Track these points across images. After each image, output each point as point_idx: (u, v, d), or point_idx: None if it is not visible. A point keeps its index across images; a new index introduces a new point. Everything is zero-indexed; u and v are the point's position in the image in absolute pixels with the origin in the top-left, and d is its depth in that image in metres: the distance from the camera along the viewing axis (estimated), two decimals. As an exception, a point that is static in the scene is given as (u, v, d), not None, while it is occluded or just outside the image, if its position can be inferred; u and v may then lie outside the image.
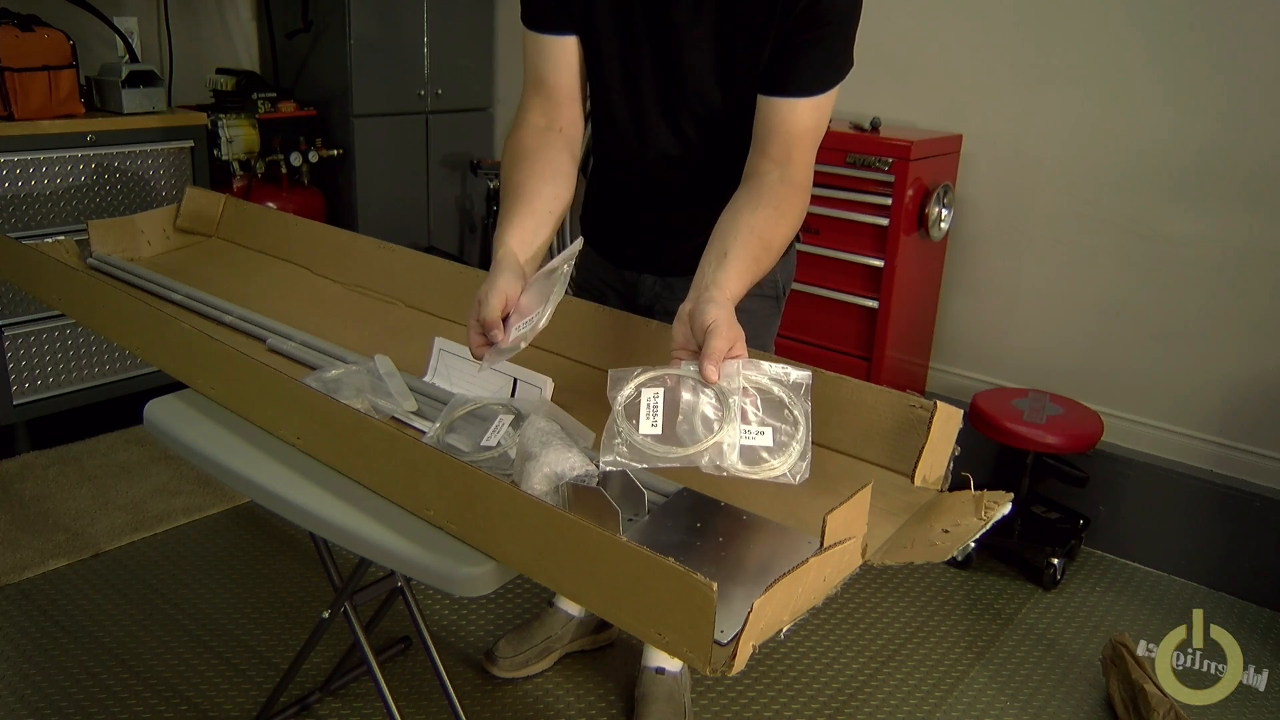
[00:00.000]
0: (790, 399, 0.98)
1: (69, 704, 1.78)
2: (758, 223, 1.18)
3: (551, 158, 1.29)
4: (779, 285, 1.51)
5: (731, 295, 1.08)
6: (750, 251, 1.15)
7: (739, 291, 1.11)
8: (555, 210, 1.25)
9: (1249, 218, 2.30)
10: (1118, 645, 1.92)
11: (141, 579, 2.17)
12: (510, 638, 1.94)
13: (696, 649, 0.74)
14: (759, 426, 0.97)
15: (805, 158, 1.25)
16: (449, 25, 3.49)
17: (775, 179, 1.22)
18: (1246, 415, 2.39)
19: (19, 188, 2.53)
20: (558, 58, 1.33)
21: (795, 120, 1.23)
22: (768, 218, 1.18)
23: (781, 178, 1.22)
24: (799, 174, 1.23)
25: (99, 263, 1.72)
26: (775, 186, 1.21)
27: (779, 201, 1.20)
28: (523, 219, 1.20)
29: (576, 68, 1.34)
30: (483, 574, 0.96)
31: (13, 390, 2.61)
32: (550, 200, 1.24)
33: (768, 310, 1.51)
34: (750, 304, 1.34)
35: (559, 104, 1.34)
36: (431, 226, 3.67)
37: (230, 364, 1.21)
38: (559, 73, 1.34)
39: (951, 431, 1.07)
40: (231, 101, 3.12)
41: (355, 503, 1.06)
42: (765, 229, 1.17)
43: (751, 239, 1.16)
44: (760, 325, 1.48)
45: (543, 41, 1.34)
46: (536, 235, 1.20)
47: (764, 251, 1.17)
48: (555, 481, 0.95)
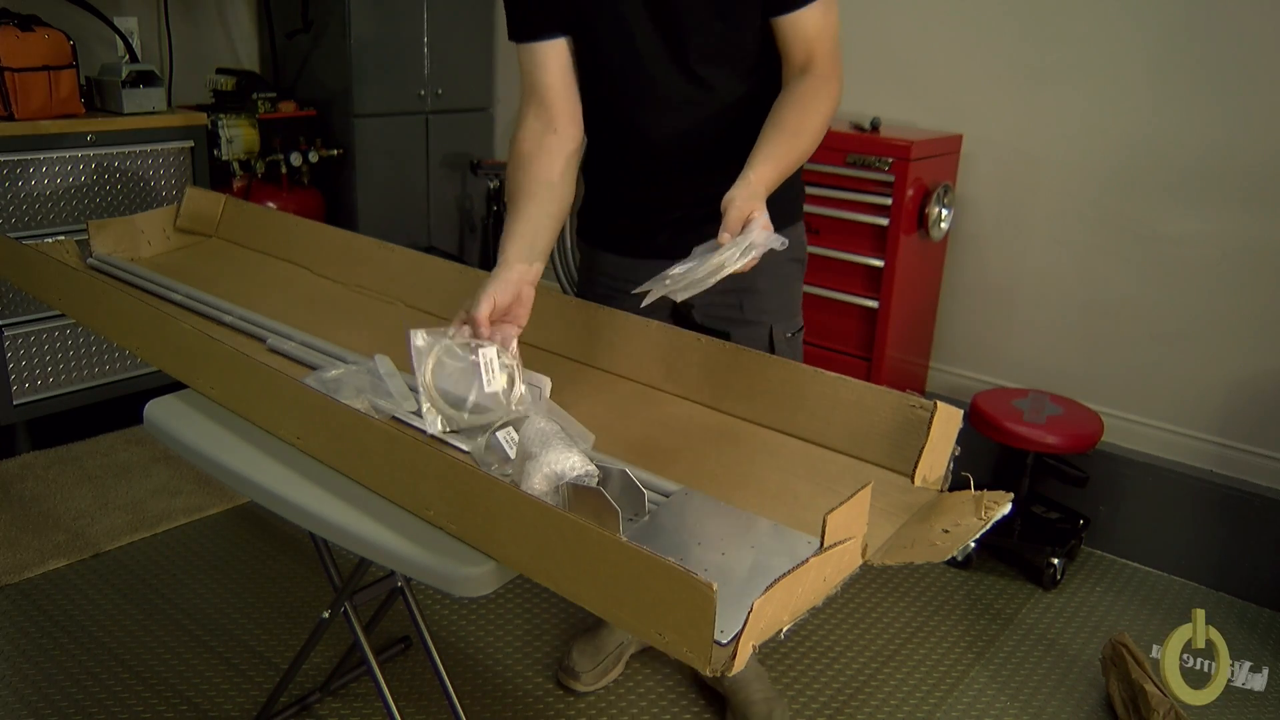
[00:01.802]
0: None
1: (69, 704, 1.78)
2: (783, 117, 1.29)
3: (547, 163, 1.37)
4: (803, 247, 1.62)
5: (758, 179, 1.19)
6: (779, 142, 1.26)
7: (770, 176, 1.21)
8: (552, 213, 1.34)
9: (1249, 218, 2.30)
10: (1117, 645, 1.92)
11: (141, 579, 2.17)
12: (583, 648, 1.91)
13: (696, 649, 0.74)
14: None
15: (825, 54, 1.33)
16: (449, 25, 3.49)
17: (800, 81, 1.32)
18: (1246, 415, 2.39)
19: (19, 188, 2.53)
20: (547, 60, 1.40)
21: (805, 28, 1.32)
22: (793, 109, 1.29)
23: (805, 78, 1.32)
24: (822, 68, 1.32)
25: (99, 263, 1.72)
26: (799, 84, 1.32)
27: (802, 94, 1.31)
28: (521, 230, 1.30)
29: (567, 67, 1.41)
30: (483, 574, 0.96)
31: (13, 390, 2.61)
32: (546, 203, 1.34)
33: (794, 273, 1.60)
34: (782, 267, 1.52)
35: (553, 105, 1.40)
36: (431, 226, 3.67)
37: (230, 364, 1.21)
38: (550, 74, 1.40)
39: (951, 431, 1.07)
40: (231, 101, 3.12)
41: (355, 503, 1.06)
42: (791, 119, 1.28)
43: (778, 132, 1.27)
44: (791, 288, 1.60)
45: (532, 49, 1.40)
46: (538, 238, 1.30)
47: (793, 138, 1.27)
48: (555, 481, 0.95)
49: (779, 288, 1.56)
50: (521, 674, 1.94)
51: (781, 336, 1.58)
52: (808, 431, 1.17)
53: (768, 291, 1.55)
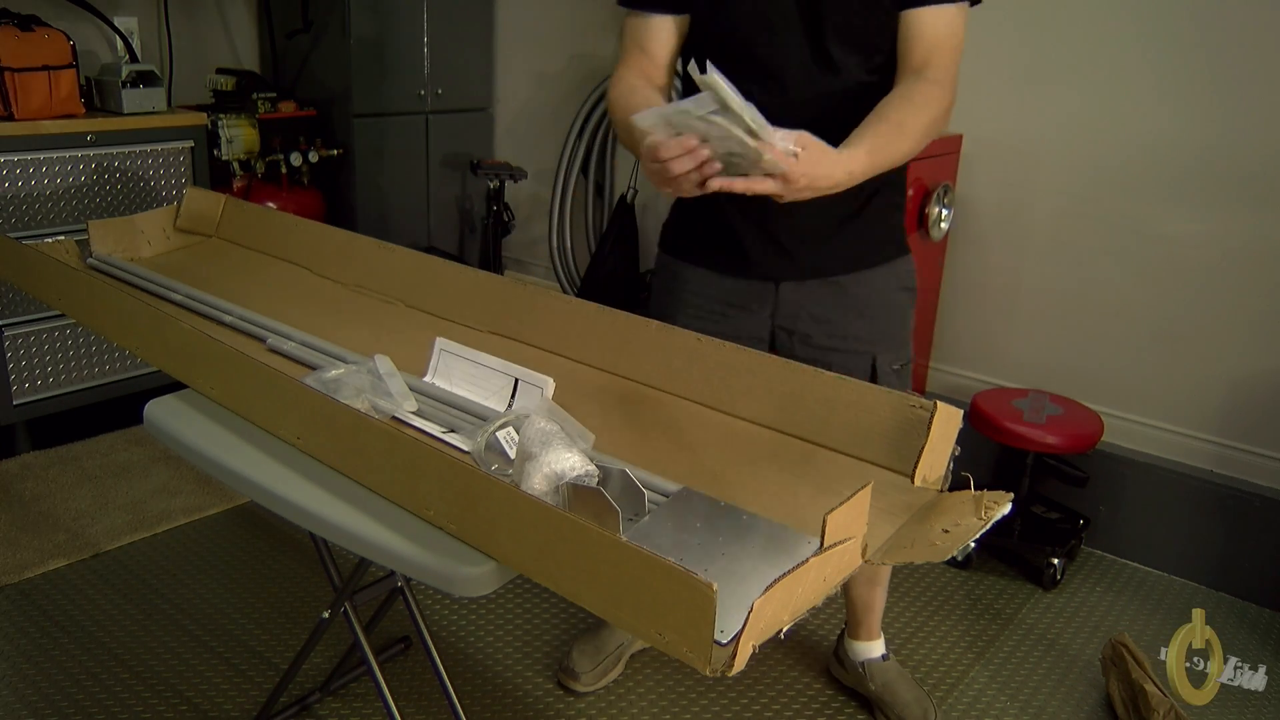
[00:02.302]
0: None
1: (69, 704, 1.78)
2: (888, 110, 1.25)
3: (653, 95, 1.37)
4: (912, 276, 1.55)
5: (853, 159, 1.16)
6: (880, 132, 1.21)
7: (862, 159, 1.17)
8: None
9: (1249, 218, 2.30)
10: (1117, 645, 1.92)
11: (141, 579, 2.17)
12: (583, 649, 1.89)
13: (696, 649, 0.74)
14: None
15: (945, 61, 1.30)
16: (449, 25, 3.49)
17: (911, 82, 1.29)
18: (1246, 415, 2.39)
19: (19, 188, 2.53)
20: (660, 33, 1.41)
21: (932, 27, 1.29)
22: (900, 105, 1.26)
23: (917, 80, 1.29)
24: (938, 73, 1.29)
25: (99, 263, 1.72)
26: (911, 84, 1.28)
27: (914, 93, 1.27)
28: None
29: (674, 46, 1.43)
30: (483, 574, 0.96)
31: (13, 390, 2.61)
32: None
33: (905, 301, 1.54)
34: (889, 295, 1.49)
35: (656, 68, 1.42)
36: (431, 226, 3.67)
37: (230, 364, 1.21)
38: (662, 47, 1.42)
39: (951, 431, 1.07)
40: (231, 101, 3.12)
41: (355, 503, 1.06)
42: (896, 114, 1.24)
43: (881, 122, 1.22)
44: (901, 316, 1.53)
45: (646, 18, 1.41)
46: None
47: (897, 131, 1.23)
48: (555, 481, 0.95)
49: (885, 315, 1.51)
50: (521, 674, 1.94)
51: (887, 368, 1.49)
52: (808, 431, 1.17)
53: (873, 319, 1.49)
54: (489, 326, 1.48)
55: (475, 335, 1.46)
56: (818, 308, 1.48)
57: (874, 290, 1.44)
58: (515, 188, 3.58)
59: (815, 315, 1.46)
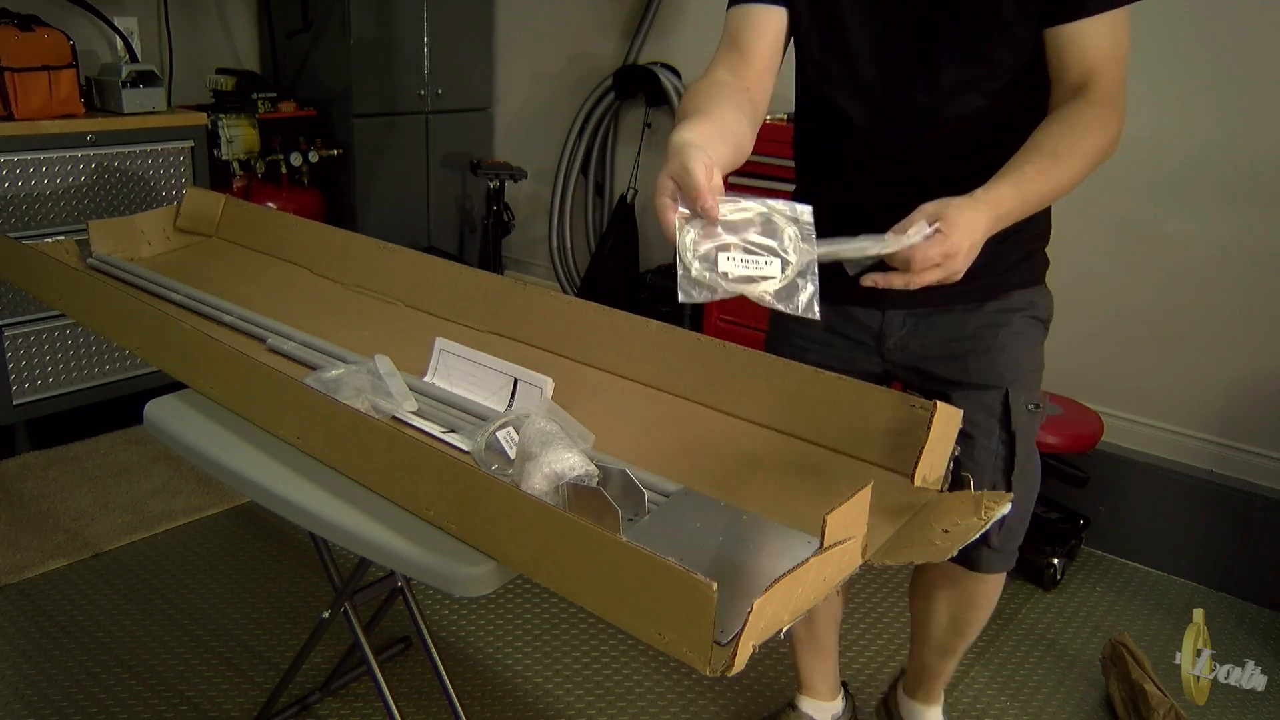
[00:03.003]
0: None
1: (69, 704, 1.78)
2: (1043, 138, 1.09)
3: (735, 97, 1.16)
4: (1049, 308, 1.39)
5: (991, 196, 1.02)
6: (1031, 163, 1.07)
7: (1009, 199, 1.03)
8: (737, 134, 1.10)
9: (1249, 218, 2.30)
10: (1118, 645, 1.92)
11: (141, 579, 2.17)
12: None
13: (696, 649, 0.74)
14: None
15: (1109, 80, 1.14)
16: (449, 25, 3.49)
17: (1071, 105, 1.13)
18: (1246, 415, 2.39)
19: (19, 188, 2.53)
20: (762, 25, 1.24)
21: (1089, 44, 1.12)
22: (1058, 131, 1.10)
23: (1078, 102, 1.13)
24: (1102, 94, 1.13)
25: (99, 263, 1.72)
26: (1072, 108, 1.12)
27: (1074, 118, 1.11)
28: (702, 123, 1.05)
29: (777, 41, 1.26)
30: (483, 574, 0.96)
31: (13, 390, 2.61)
32: (733, 123, 1.10)
33: (1039, 335, 1.36)
34: (1022, 324, 1.32)
35: (751, 67, 1.23)
36: (431, 226, 3.67)
37: (230, 364, 1.21)
38: (760, 40, 1.24)
39: (951, 431, 1.07)
40: (231, 101, 3.12)
41: (355, 503, 1.06)
42: (1052, 142, 1.09)
43: (1034, 153, 1.08)
44: (1033, 351, 1.35)
45: (749, 11, 1.25)
46: (718, 138, 1.04)
47: (1050, 161, 1.08)
48: (555, 481, 0.95)
49: (1016, 347, 1.32)
50: (521, 674, 1.94)
51: (1020, 407, 1.31)
52: (808, 431, 1.17)
53: (1002, 350, 1.31)
54: (489, 326, 1.48)
55: (475, 335, 1.46)
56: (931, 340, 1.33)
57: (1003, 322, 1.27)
58: (515, 188, 3.58)
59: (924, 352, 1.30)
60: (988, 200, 1.03)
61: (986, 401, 1.30)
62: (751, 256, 0.96)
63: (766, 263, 0.96)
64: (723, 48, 1.27)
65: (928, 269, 1.00)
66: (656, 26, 3.33)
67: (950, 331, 1.32)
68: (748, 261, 0.95)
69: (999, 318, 1.31)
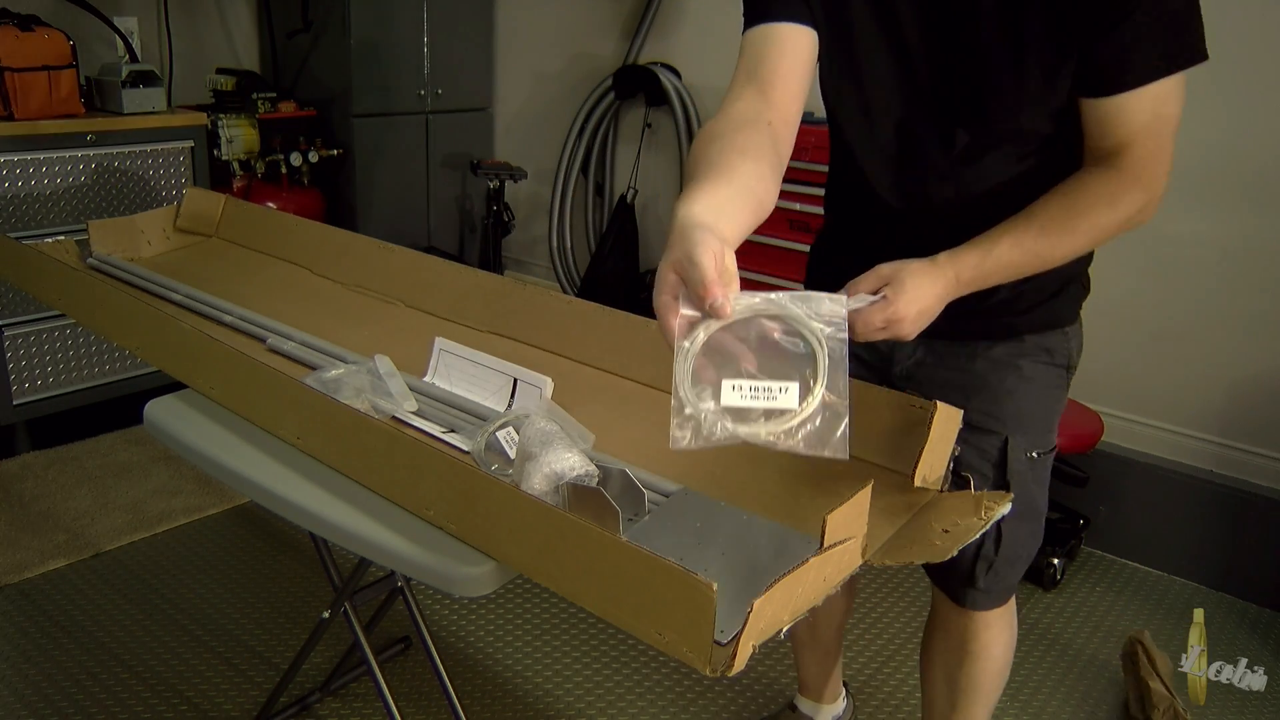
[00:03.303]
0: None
1: (69, 704, 1.78)
2: (1042, 207, 1.02)
3: (755, 140, 1.00)
4: (1071, 354, 1.26)
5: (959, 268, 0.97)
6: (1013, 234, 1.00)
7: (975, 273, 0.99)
8: (757, 191, 0.95)
9: (1249, 218, 2.30)
10: (1134, 643, 1.93)
11: (141, 579, 2.17)
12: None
13: (696, 649, 0.74)
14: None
15: (1146, 154, 1.04)
16: (449, 25, 3.49)
17: (1089, 172, 1.05)
18: (1246, 415, 2.39)
19: (19, 188, 2.53)
20: (787, 47, 1.09)
21: (1123, 119, 1.03)
22: (1062, 202, 1.02)
23: (1098, 170, 1.05)
24: (1133, 167, 1.04)
25: (99, 263, 1.72)
26: (1092, 175, 1.04)
27: (1078, 188, 1.03)
28: (714, 187, 0.90)
29: (804, 62, 1.10)
30: (483, 574, 0.96)
31: (13, 390, 2.61)
32: (751, 178, 0.95)
33: (1055, 381, 1.25)
34: (1035, 370, 1.22)
35: (774, 96, 1.07)
36: (431, 226, 3.67)
37: (230, 364, 1.21)
38: (782, 61, 1.08)
39: (951, 431, 1.07)
40: (231, 101, 3.12)
41: (355, 503, 1.06)
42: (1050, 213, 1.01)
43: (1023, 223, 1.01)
44: (1045, 398, 1.25)
45: (769, 30, 1.09)
46: (731, 205, 0.89)
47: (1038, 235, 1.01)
48: (555, 481, 0.95)
49: (1025, 393, 1.23)
50: (521, 674, 1.94)
51: (1020, 454, 1.23)
52: (808, 431, 1.17)
53: (1009, 395, 1.22)
54: (489, 326, 1.48)
55: (475, 335, 1.46)
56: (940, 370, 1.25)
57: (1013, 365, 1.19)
58: (515, 188, 3.58)
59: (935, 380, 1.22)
60: (947, 267, 0.99)
61: (983, 445, 1.24)
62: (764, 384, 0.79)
63: (782, 390, 0.79)
64: (740, 77, 1.10)
65: (872, 331, 0.98)
66: (656, 26, 3.33)
67: (958, 366, 1.25)
68: (758, 390, 0.79)
69: (1010, 360, 1.22)
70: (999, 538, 1.26)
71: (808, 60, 1.10)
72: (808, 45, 1.10)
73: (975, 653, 1.39)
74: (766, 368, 0.79)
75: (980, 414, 1.22)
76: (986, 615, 1.35)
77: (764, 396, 0.79)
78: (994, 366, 1.22)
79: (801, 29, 1.09)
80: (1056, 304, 1.22)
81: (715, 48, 3.19)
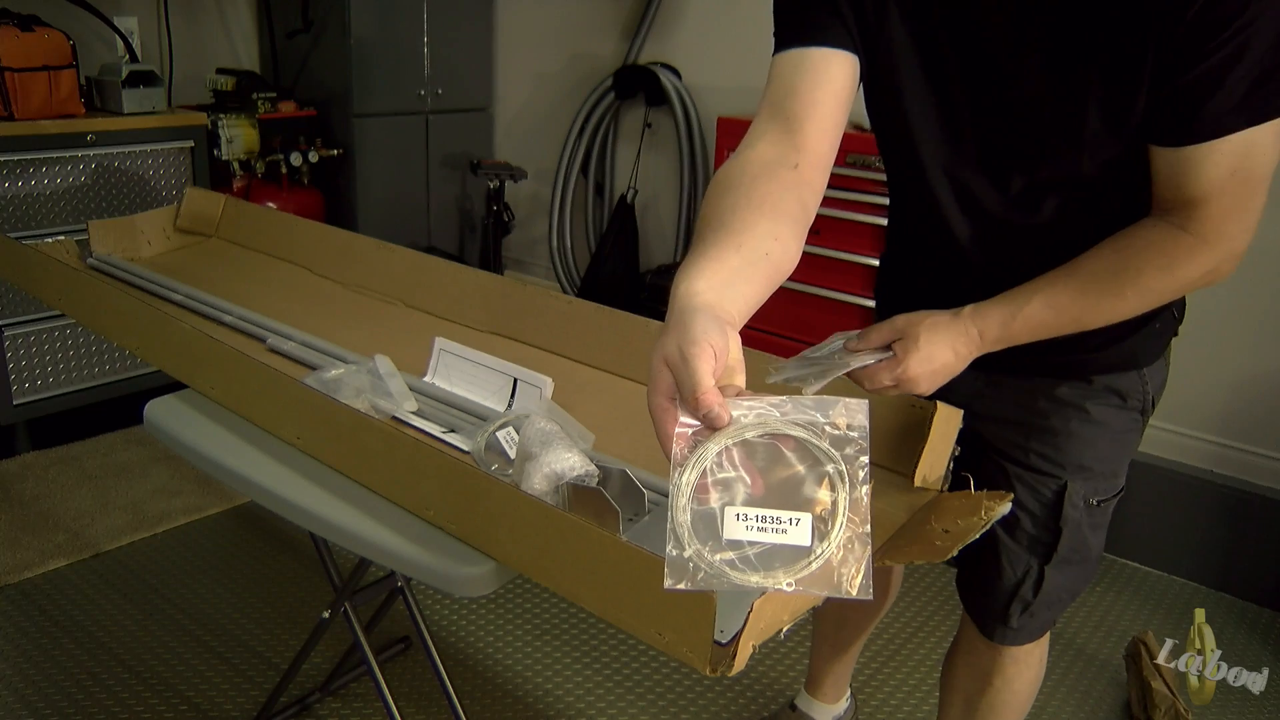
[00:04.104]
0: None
1: (69, 704, 1.78)
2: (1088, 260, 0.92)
3: (775, 191, 0.90)
4: (1147, 396, 1.16)
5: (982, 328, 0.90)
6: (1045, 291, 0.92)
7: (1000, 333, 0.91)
8: (773, 255, 0.84)
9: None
10: (1137, 643, 1.93)
11: (141, 579, 2.17)
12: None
13: (696, 649, 0.74)
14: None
15: (1221, 211, 0.90)
16: (449, 25, 3.49)
17: (1152, 224, 0.94)
18: (1246, 415, 2.39)
19: (19, 188, 2.53)
20: (817, 74, 0.96)
21: (1194, 173, 0.89)
22: (1107, 258, 0.92)
23: (1162, 225, 0.93)
24: (1199, 225, 0.91)
25: (99, 263, 1.72)
26: (1144, 230, 0.93)
27: (1137, 244, 0.92)
28: (722, 255, 0.81)
29: (841, 93, 0.98)
30: (483, 574, 0.96)
31: (13, 390, 2.61)
32: (765, 239, 0.84)
33: (1126, 425, 1.15)
34: (1103, 413, 1.13)
35: (802, 136, 0.95)
36: (431, 226, 3.67)
37: (230, 364, 1.21)
38: (815, 91, 0.96)
39: (951, 431, 1.07)
40: (231, 101, 3.12)
41: (355, 503, 1.06)
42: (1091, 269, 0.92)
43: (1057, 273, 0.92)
44: (1113, 443, 1.16)
45: (803, 56, 0.97)
46: (739, 277, 0.80)
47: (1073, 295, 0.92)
48: (555, 481, 0.95)
49: (1090, 436, 1.14)
50: (521, 674, 1.94)
51: (1078, 501, 1.15)
52: (808, 431, 1.17)
53: (1071, 438, 1.14)
54: (489, 326, 1.48)
55: (475, 335, 1.46)
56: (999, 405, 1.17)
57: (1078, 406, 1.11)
58: (515, 188, 3.58)
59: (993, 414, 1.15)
60: (970, 323, 0.93)
61: (1039, 488, 1.16)
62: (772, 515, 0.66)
63: (793, 523, 0.66)
64: (765, 110, 0.98)
65: (881, 388, 0.96)
66: (656, 26, 3.33)
67: (1019, 403, 1.16)
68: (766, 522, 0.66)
69: (1075, 402, 1.13)
70: (1040, 581, 1.20)
71: (845, 91, 0.98)
72: (846, 74, 0.98)
73: (998, 686, 1.33)
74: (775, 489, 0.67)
75: (1039, 456, 1.15)
76: (1015, 650, 1.29)
77: (773, 529, 0.66)
78: (1058, 407, 1.13)
79: (840, 55, 0.97)
80: (1133, 342, 1.12)
81: (715, 48, 3.19)
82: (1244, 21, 0.81)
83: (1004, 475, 1.17)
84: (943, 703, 1.45)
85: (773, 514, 0.66)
